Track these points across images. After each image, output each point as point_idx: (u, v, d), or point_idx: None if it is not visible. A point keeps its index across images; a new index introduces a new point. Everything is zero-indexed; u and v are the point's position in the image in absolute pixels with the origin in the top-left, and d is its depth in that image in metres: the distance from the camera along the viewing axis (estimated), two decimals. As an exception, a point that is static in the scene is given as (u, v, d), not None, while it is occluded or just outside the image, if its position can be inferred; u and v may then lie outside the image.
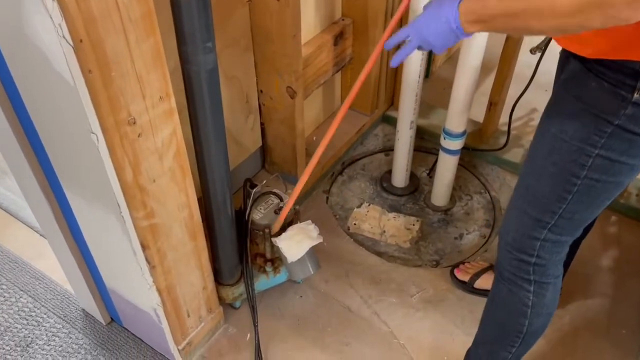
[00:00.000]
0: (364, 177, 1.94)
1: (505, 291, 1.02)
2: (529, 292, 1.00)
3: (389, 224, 1.77)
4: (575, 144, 0.82)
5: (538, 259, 0.95)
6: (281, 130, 1.57)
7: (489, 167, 1.91)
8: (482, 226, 1.77)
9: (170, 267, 1.14)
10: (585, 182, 0.84)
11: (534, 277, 0.98)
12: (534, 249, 0.94)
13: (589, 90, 0.79)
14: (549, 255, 0.96)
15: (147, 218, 1.01)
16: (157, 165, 0.98)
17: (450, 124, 1.60)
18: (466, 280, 1.50)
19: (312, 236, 1.30)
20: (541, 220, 0.91)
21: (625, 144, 0.79)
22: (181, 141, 1.00)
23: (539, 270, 0.97)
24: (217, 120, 1.07)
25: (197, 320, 1.31)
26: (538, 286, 0.99)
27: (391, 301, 1.49)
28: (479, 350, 1.16)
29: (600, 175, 0.83)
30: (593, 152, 0.81)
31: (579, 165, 0.83)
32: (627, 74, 0.74)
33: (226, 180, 1.18)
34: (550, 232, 0.92)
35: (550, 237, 0.93)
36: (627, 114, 0.76)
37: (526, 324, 1.03)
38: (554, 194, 0.88)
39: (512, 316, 1.04)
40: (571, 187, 0.86)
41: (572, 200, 0.87)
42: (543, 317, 1.03)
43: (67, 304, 1.47)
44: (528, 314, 1.01)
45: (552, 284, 1.00)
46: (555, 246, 0.95)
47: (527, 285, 0.99)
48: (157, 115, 0.92)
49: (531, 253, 0.95)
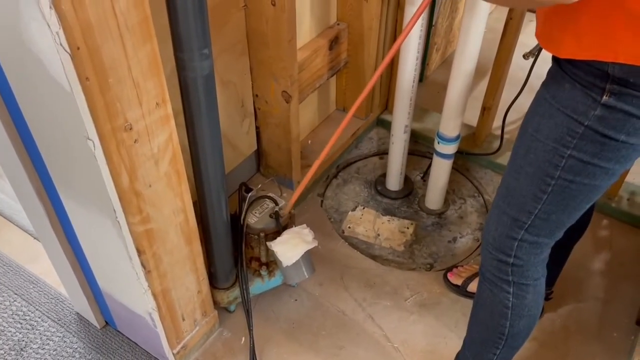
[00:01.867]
0: (358, 180, 1.95)
1: (487, 292, 1.04)
2: (508, 293, 1.00)
3: (384, 227, 1.78)
4: (549, 144, 0.83)
5: (516, 259, 0.96)
6: (276, 134, 1.57)
7: (483, 170, 1.92)
8: (475, 229, 1.78)
9: (166, 271, 1.14)
10: (559, 182, 0.85)
11: (512, 278, 0.99)
12: (512, 249, 0.95)
13: (563, 91, 0.81)
14: (527, 257, 0.96)
15: (143, 223, 1.02)
16: (153, 171, 0.98)
17: (444, 128, 1.62)
18: (459, 284, 1.51)
19: (307, 240, 1.30)
20: (518, 220, 0.92)
21: (596, 146, 0.80)
22: (177, 146, 1.01)
23: (518, 271, 0.98)
24: (213, 125, 1.07)
25: (192, 324, 1.31)
26: (517, 287, 1.00)
27: (385, 304, 1.50)
28: (467, 352, 1.18)
29: (573, 177, 0.84)
30: (565, 153, 0.82)
31: (553, 166, 0.84)
32: (597, 76, 0.75)
33: (222, 184, 1.19)
34: (527, 233, 0.93)
35: (527, 238, 0.94)
36: (597, 115, 0.77)
37: (507, 326, 1.03)
38: (530, 194, 0.89)
39: (493, 317, 1.05)
40: (546, 187, 0.87)
41: (547, 200, 0.88)
42: (525, 318, 1.03)
43: (62, 308, 1.47)
44: (509, 316, 1.02)
45: (532, 285, 1.00)
46: (533, 247, 0.95)
47: (507, 286, 1.00)
48: (154, 122, 0.93)
49: (509, 253, 0.96)
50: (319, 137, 1.87)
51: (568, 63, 0.79)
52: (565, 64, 0.80)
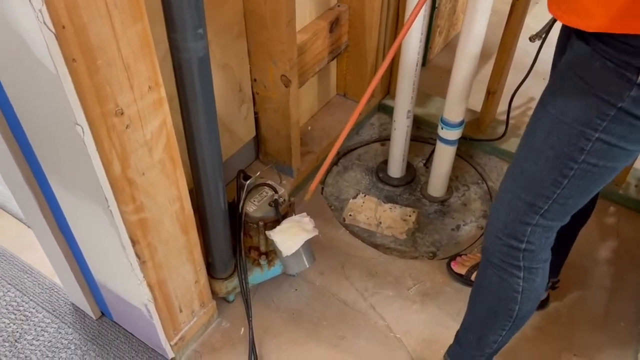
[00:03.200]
0: (359, 167, 1.91)
1: (495, 278, 1.01)
2: (519, 278, 0.98)
3: (385, 215, 1.74)
4: (576, 126, 0.80)
5: (528, 244, 0.94)
6: (275, 119, 1.53)
7: (487, 157, 1.88)
8: (479, 217, 1.74)
9: (162, 261, 1.10)
10: (582, 166, 0.82)
11: (523, 263, 0.96)
12: (525, 234, 0.93)
13: (593, 70, 0.76)
14: (539, 241, 0.94)
15: (137, 212, 0.98)
16: (146, 158, 0.94)
17: (448, 114, 1.57)
18: (463, 273, 1.48)
19: (308, 229, 1.27)
20: (534, 205, 0.89)
21: (626, 128, 0.77)
22: (171, 132, 0.97)
23: (529, 256, 0.96)
24: (209, 109, 1.03)
25: (189, 315, 1.28)
26: (528, 272, 0.97)
27: (387, 294, 1.46)
28: (469, 336, 1.14)
29: (598, 160, 0.81)
30: (593, 136, 0.79)
31: (578, 149, 0.81)
32: (632, 54, 0.71)
33: (219, 171, 1.15)
34: (542, 218, 0.90)
35: (542, 223, 0.91)
36: (632, 97, 0.73)
37: (516, 309, 1.02)
38: (549, 178, 0.86)
39: (502, 302, 1.02)
40: (567, 172, 0.83)
41: (568, 185, 0.85)
42: (533, 300, 1.02)
43: (56, 298, 1.44)
44: (518, 300, 1.00)
45: (541, 268, 0.99)
46: (546, 231, 0.93)
47: (517, 271, 0.97)
48: (146, 106, 0.88)
49: (521, 239, 0.93)
50: (319, 123, 1.83)
51: (598, 40, 0.74)
52: (594, 39, 0.75)
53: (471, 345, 1.13)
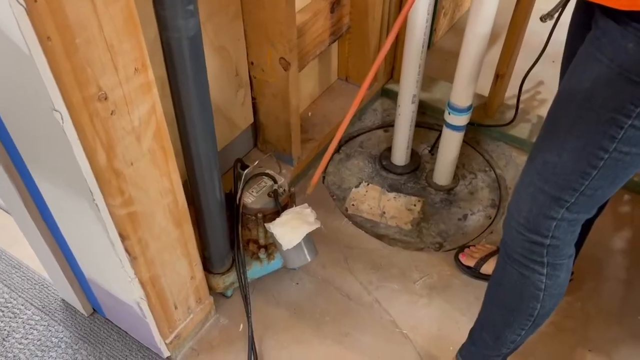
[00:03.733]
0: (362, 155, 1.84)
1: (515, 275, 0.94)
2: (541, 274, 0.91)
3: (389, 205, 1.68)
4: (606, 113, 0.73)
5: (553, 239, 0.87)
6: (274, 105, 1.45)
7: (494, 143, 1.81)
8: (487, 206, 1.67)
9: (154, 257, 1.03)
10: (613, 155, 0.75)
11: (547, 259, 0.90)
12: (549, 229, 0.86)
13: (626, 52, 0.69)
14: (564, 235, 0.87)
15: (125, 205, 0.91)
16: (134, 147, 0.87)
17: (456, 98, 1.50)
18: (472, 266, 1.41)
19: (309, 221, 1.20)
20: (560, 199, 0.82)
21: None
22: (161, 119, 0.89)
23: (553, 252, 0.89)
24: (202, 94, 0.96)
25: (185, 312, 1.22)
26: (551, 268, 0.91)
27: (393, 288, 1.40)
28: (485, 335, 1.08)
29: (630, 148, 0.74)
30: (625, 123, 0.72)
31: (608, 137, 0.74)
32: None
33: (214, 160, 1.07)
34: (568, 211, 0.83)
35: (568, 217, 0.84)
36: None
37: (538, 307, 0.95)
38: (576, 170, 0.79)
39: (523, 300, 0.96)
40: (597, 162, 0.77)
41: (597, 176, 0.78)
42: (555, 297, 0.96)
43: (46, 294, 1.37)
44: (540, 297, 0.94)
45: (565, 264, 0.92)
46: (571, 225, 0.86)
47: (540, 267, 0.91)
48: (133, 90, 0.81)
49: (546, 234, 0.87)
50: (320, 109, 1.75)
51: (630, 18, 0.67)
52: (625, 18, 0.67)
53: (487, 345, 1.06)
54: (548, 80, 1.97)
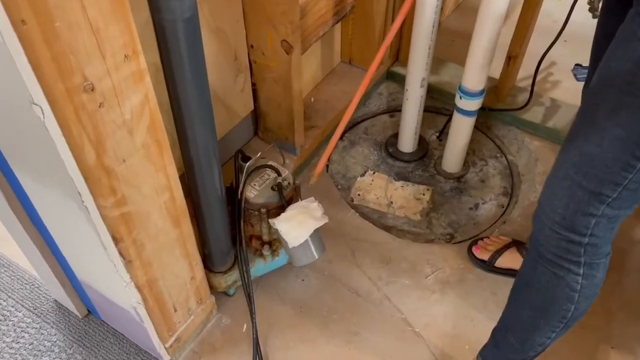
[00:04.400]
0: (366, 141, 1.75)
1: (548, 275, 0.87)
2: (577, 274, 0.85)
3: (397, 194, 1.60)
4: None
5: (591, 238, 0.80)
6: (276, 91, 1.36)
7: (506, 128, 1.73)
8: (499, 194, 1.60)
9: (151, 259, 0.96)
10: None
11: (584, 259, 0.83)
12: (588, 227, 0.79)
13: None
14: (603, 233, 0.80)
15: (118, 206, 0.83)
16: (126, 142, 0.78)
17: (468, 82, 1.41)
18: (486, 259, 1.34)
19: (316, 216, 1.12)
20: (600, 194, 0.75)
21: None
22: (156, 109, 0.81)
23: (591, 251, 0.82)
24: (200, 81, 0.87)
25: (185, 314, 1.15)
26: (588, 267, 0.84)
27: (403, 283, 1.33)
28: (510, 337, 1.01)
29: None
30: None
31: None
32: None
33: (213, 152, 0.99)
34: (609, 207, 0.76)
35: (608, 213, 0.77)
36: None
37: (572, 309, 0.89)
38: (619, 162, 0.72)
39: (555, 302, 0.89)
40: None
41: None
42: (590, 298, 0.89)
43: (37, 295, 1.30)
44: (575, 299, 0.87)
45: (602, 263, 0.85)
46: (611, 222, 0.79)
47: (576, 267, 0.84)
48: (123, 79, 0.72)
49: (584, 232, 0.80)
50: (322, 94, 1.66)
51: None
52: None
53: (513, 348, 0.99)
54: (560, 61, 1.88)
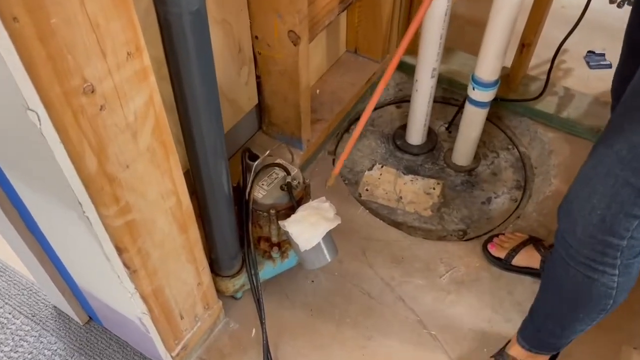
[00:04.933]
0: (373, 134, 1.69)
1: (580, 277, 0.83)
2: (613, 275, 0.81)
3: (406, 189, 1.55)
4: None
5: (631, 240, 0.75)
6: (282, 84, 1.30)
7: (517, 119, 1.67)
8: (512, 188, 1.55)
9: (156, 268, 0.90)
10: None
11: (620, 260, 0.79)
12: (629, 229, 0.74)
13: None
14: None
15: (122, 215, 0.77)
16: (130, 146, 0.72)
17: (481, 72, 1.35)
18: (502, 257, 1.29)
19: (328, 217, 1.06)
20: None
21: None
22: (161, 110, 0.74)
23: (628, 252, 0.78)
24: (208, 77, 0.81)
25: (192, 321, 1.09)
26: (624, 267, 0.80)
27: (417, 283, 1.28)
28: (550, 325, 0.97)
29: None
30: None
31: None
32: None
33: (221, 151, 0.93)
34: None
35: None
36: None
37: (610, 303, 0.86)
38: None
39: (592, 299, 0.86)
40: None
41: None
42: (628, 290, 0.86)
43: (35, 301, 1.24)
44: (613, 294, 0.84)
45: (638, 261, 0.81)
46: None
47: (611, 269, 0.80)
48: (126, 79, 0.66)
49: (623, 235, 0.74)
50: (328, 86, 1.59)
51: None
52: None
53: (554, 334, 0.98)
54: (572, 48, 1.82)
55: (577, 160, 1.53)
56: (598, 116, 1.57)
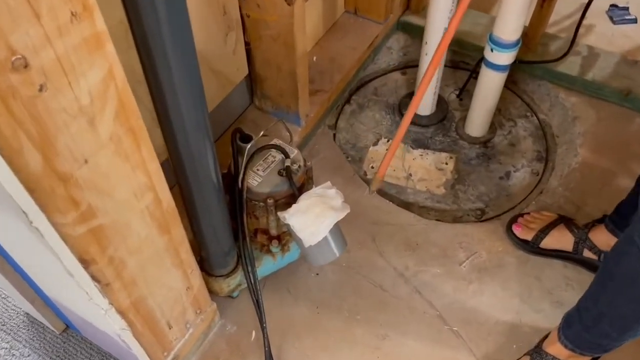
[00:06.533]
0: (377, 104, 1.53)
1: None
2: None
3: (416, 165, 1.40)
4: None
5: None
6: (275, 51, 1.13)
7: (535, 82, 1.51)
8: (532, 160, 1.40)
9: (135, 277, 0.75)
10: None
11: None
12: None
13: None
14: None
15: (84, 221, 0.62)
16: (87, 136, 0.57)
17: (502, 30, 1.19)
18: (529, 239, 1.16)
19: (335, 206, 0.91)
20: None
21: None
22: (125, 89, 0.58)
23: None
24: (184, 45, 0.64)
25: (182, 329, 0.96)
26: None
27: (434, 272, 1.15)
28: (606, 326, 0.83)
29: None
30: None
31: None
32: None
33: (205, 131, 0.77)
34: None
35: None
36: None
37: None
38: None
39: None
40: None
41: None
42: None
43: (5, 308, 1.10)
44: None
45: None
46: None
47: None
48: (73, 49, 0.50)
49: None
50: (326, 52, 1.43)
51: None
52: None
53: (608, 336, 0.84)
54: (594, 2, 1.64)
55: (605, 127, 1.39)
56: (626, 77, 1.41)
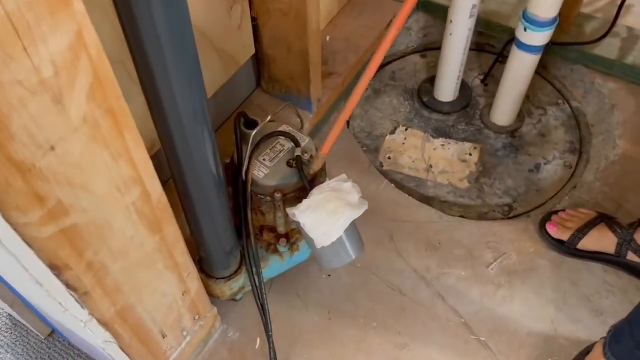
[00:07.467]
0: (394, 89, 1.42)
1: None
2: None
3: (436, 155, 1.28)
4: None
5: None
6: (285, 27, 1.01)
7: (568, 67, 1.39)
8: (564, 151, 1.28)
9: (119, 283, 0.65)
10: None
11: None
12: None
13: None
14: None
15: (53, 220, 0.51)
16: (53, 117, 0.46)
17: (537, 7, 1.07)
18: (565, 239, 1.04)
19: (352, 202, 0.80)
20: None
21: None
22: (101, 60, 0.47)
23: None
24: (177, 13, 0.53)
25: (178, 336, 0.85)
26: None
27: (459, 275, 1.04)
28: None
29: None
30: None
31: None
32: None
33: (202, 116, 0.66)
34: None
35: None
36: None
37: None
38: None
39: None
40: None
41: None
42: None
43: (-14, 309, 1.00)
44: None
45: None
46: None
47: None
48: (27, 5, 0.39)
49: None
50: (341, 31, 1.31)
51: None
52: None
53: None
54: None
55: (647, 116, 1.26)
56: (670, 61, 1.29)
